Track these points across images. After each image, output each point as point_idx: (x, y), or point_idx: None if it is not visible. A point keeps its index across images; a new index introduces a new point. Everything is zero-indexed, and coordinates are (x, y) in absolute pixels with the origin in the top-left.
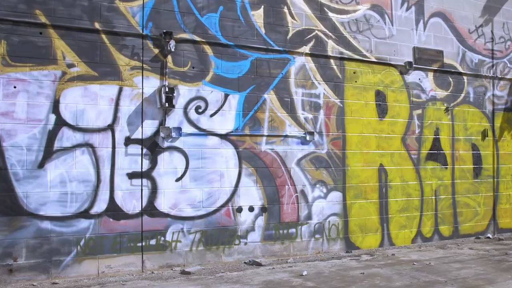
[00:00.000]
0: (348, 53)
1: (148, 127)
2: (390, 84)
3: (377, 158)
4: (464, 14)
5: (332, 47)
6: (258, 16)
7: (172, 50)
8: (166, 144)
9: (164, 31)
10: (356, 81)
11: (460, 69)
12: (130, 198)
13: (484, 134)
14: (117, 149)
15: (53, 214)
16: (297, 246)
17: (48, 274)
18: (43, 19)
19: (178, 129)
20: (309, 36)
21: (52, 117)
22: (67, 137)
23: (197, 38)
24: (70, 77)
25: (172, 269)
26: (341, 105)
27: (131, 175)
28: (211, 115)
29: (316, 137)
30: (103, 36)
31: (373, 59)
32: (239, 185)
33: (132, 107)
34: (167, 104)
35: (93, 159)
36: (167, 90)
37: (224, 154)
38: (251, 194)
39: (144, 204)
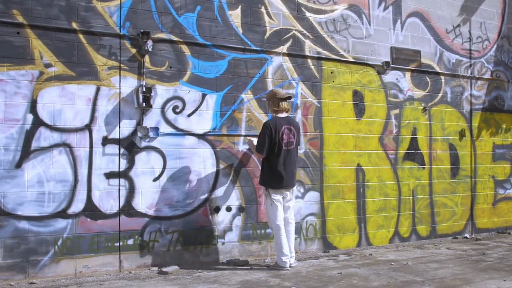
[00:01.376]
0: (325, 53)
1: (126, 127)
2: (367, 84)
3: (354, 158)
4: (441, 14)
5: (309, 47)
6: (235, 16)
7: (150, 50)
8: (143, 144)
9: (142, 31)
10: (333, 81)
11: (438, 69)
12: (108, 198)
13: (461, 134)
14: (94, 149)
15: (30, 214)
16: (274, 246)
17: (25, 274)
18: (20, 19)
19: (156, 129)
20: (286, 36)
21: (30, 117)
22: (44, 137)
23: (175, 38)
24: (48, 77)
25: (149, 269)
26: (319, 105)
27: (109, 175)
28: (189, 115)
29: None
30: (81, 36)
31: (351, 59)
32: (216, 185)
33: (110, 107)
34: (144, 104)
35: (71, 159)
36: (144, 90)
37: (201, 154)
38: (229, 194)
39: (121, 204)
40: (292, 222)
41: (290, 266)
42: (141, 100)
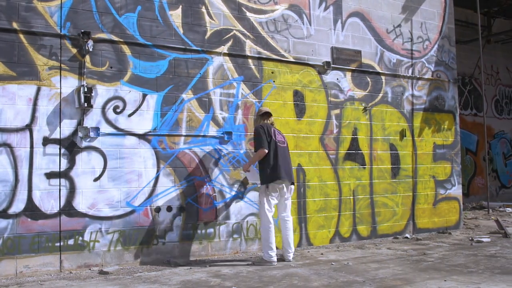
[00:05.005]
0: (266, 53)
1: (67, 127)
2: (308, 84)
3: (295, 158)
4: (382, 14)
5: (250, 47)
6: (176, 16)
7: (90, 50)
8: (84, 144)
9: (82, 31)
10: (274, 81)
11: (378, 69)
12: (48, 198)
13: (402, 134)
14: (35, 149)
15: None
16: (215, 246)
17: None
18: None
19: (96, 129)
20: (227, 36)
21: None
22: None
23: (115, 38)
24: None
25: (90, 269)
26: (260, 105)
27: (49, 175)
28: (129, 115)
29: (234, 137)
30: (21, 36)
31: (291, 59)
32: (157, 185)
33: (50, 107)
34: (85, 104)
35: (11, 159)
36: (85, 90)
37: (142, 154)
38: (169, 194)
39: (62, 204)
40: (290, 219)
41: (288, 260)
42: (82, 100)
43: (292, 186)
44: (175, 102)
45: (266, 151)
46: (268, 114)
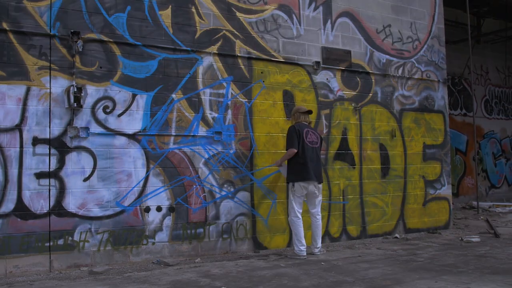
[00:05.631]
0: (256, 53)
1: (56, 127)
2: (298, 84)
3: None
4: (372, 14)
5: (240, 47)
6: (166, 16)
7: (80, 50)
8: (74, 144)
9: (72, 31)
10: (264, 81)
11: (368, 69)
12: (38, 198)
13: (392, 134)
14: (25, 149)
15: None
16: (205, 246)
17: None
18: None
19: (86, 129)
20: (217, 36)
21: None
22: None
23: (105, 38)
24: None
25: (80, 269)
26: (249, 105)
27: (39, 175)
28: (119, 115)
29: (224, 137)
30: (11, 35)
31: (281, 59)
32: (147, 185)
33: (40, 107)
34: (75, 104)
35: (1, 159)
36: (75, 90)
37: (132, 154)
38: (159, 194)
39: (52, 204)
40: (319, 216)
41: (315, 254)
42: (71, 100)
43: (321, 185)
44: (165, 102)
45: (295, 150)
46: (307, 113)
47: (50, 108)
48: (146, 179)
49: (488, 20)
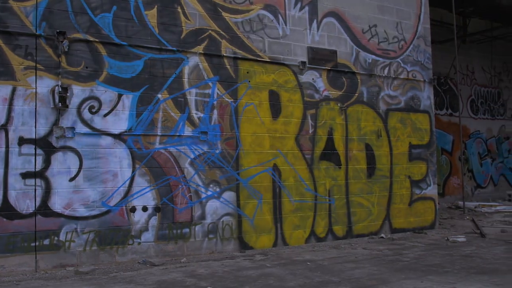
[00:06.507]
0: (241, 53)
1: (42, 127)
2: (283, 84)
3: (270, 157)
4: (358, 13)
5: (225, 47)
6: (151, 16)
7: (66, 50)
8: (59, 144)
9: (58, 31)
10: (249, 81)
11: (354, 69)
12: (24, 198)
13: (378, 134)
14: (10, 149)
15: None
16: (190, 246)
17: None
18: None
19: (72, 129)
20: (202, 36)
21: None
22: None
23: (91, 38)
24: None
25: (66, 269)
26: (235, 105)
27: (25, 175)
28: (105, 115)
29: (210, 137)
30: None
31: (267, 59)
32: (132, 185)
33: (26, 107)
34: (60, 104)
35: None
36: (60, 90)
37: (117, 154)
38: (145, 194)
39: (37, 204)
40: None
41: None
42: (57, 100)
43: None
44: (151, 102)
45: None
46: None
47: (36, 108)
48: (132, 179)
49: (474, 20)
